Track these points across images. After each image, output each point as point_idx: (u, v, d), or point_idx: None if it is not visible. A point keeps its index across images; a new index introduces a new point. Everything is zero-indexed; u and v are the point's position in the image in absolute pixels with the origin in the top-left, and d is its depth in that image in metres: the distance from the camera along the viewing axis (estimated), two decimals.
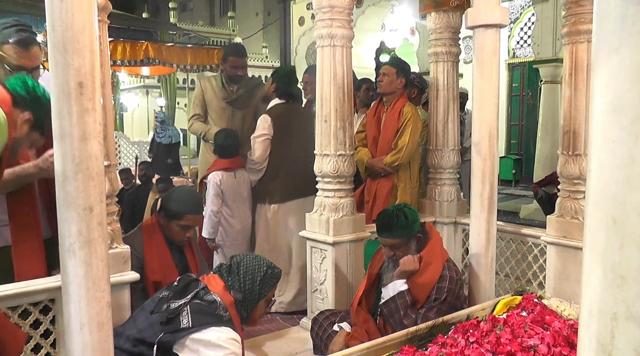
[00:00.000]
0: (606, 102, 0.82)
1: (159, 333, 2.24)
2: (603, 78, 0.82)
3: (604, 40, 0.82)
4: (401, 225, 2.83)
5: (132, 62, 6.80)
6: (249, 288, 2.40)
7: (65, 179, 1.82)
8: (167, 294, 2.38)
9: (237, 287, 2.39)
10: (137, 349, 2.27)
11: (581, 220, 3.31)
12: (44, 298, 2.46)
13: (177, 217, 2.96)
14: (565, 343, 2.19)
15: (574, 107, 3.32)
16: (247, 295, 2.40)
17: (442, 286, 2.78)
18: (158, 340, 2.22)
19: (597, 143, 0.84)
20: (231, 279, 2.41)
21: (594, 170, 0.85)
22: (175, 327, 2.23)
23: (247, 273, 2.42)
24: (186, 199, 3.01)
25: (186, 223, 2.99)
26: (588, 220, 0.90)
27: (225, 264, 2.49)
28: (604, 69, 0.81)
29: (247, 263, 2.45)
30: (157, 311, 2.32)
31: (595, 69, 0.85)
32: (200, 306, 2.29)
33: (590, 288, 0.87)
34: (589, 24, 3.24)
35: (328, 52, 3.35)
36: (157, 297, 2.41)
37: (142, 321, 2.34)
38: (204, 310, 2.28)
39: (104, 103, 2.25)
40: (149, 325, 2.29)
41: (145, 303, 2.46)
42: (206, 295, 2.33)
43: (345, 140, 3.43)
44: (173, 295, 2.35)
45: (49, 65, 1.84)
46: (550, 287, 3.40)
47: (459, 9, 3.98)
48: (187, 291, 2.36)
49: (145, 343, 2.26)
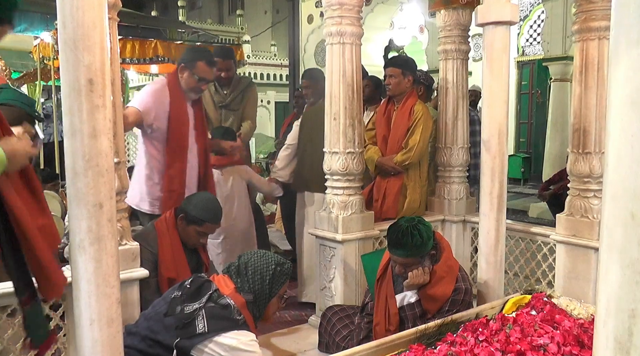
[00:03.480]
0: (624, 95, 0.81)
1: (174, 337, 2.22)
2: (621, 71, 0.81)
3: (622, 33, 0.80)
4: (415, 244, 2.69)
5: (141, 59, 6.80)
6: (259, 288, 2.37)
7: (75, 175, 1.83)
8: (179, 295, 2.35)
9: (247, 289, 2.36)
10: (153, 351, 2.26)
11: (591, 218, 3.29)
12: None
13: (197, 222, 3.01)
14: (576, 342, 2.17)
15: (584, 104, 3.30)
16: (258, 295, 2.37)
17: (457, 298, 2.74)
18: (175, 344, 2.21)
19: (615, 137, 0.83)
20: (240, 281, 2.37)
21: (611, 165, 0.84)
22: (192, 333, 2.21)
23: (255, 273, 2.38)
24: (208, 207, 3.04)
25: (204, 230, 3.04)
26: (605, 216, 0.88)
27: (234, 264, 2.45)
28: (622, 62, 0.80)
29: (255, 262, 2.40)
30: (171, 314, 2.29)
31: (613, 62, 0.83)
32: (215, 310, 2.26)
33: (607, 285, 0.86)
34: (600, 21, 3.22)
35: (337, 49, 3.35)
36: (169, 297, 2.38)
37: (156, 323, 2.32)
38: (219, 314, 2.25)
39: (114, 101, 2.26)
40: (164, 328, 2.27)
41: (156, 302, 2.44)
42: (220, 298, 2.30)
43: (355, 138, 3.42)
44: (186, 297, 2.32)
45: (60, 62, 1.84)
46: (559, 286, 3.39)
47: (469, 7, 3.96)
48: (200, 293, 2.32)
49: (162, 345, 2.26)
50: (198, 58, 3.45)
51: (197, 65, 3.41)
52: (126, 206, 2.69)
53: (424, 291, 2.76)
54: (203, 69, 3.42)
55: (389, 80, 3.96)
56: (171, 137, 3.42)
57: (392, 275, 2.88)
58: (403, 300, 2.81)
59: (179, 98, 3.43)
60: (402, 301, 2.81)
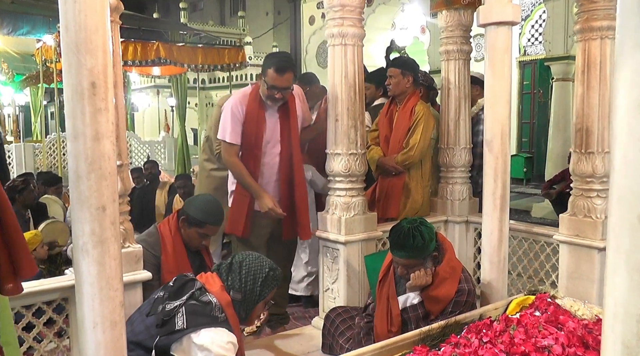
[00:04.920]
0: (631, 99, 0.80)
1: (155, 336, 2.21)
2: (627, 74, 0.80)
3: (628, 35, 0.80)
4: (417, 246, 2.69)
5: (143, 62, 6.82)
6: (249, 288, 2.35)
7: (78, 179, 1.83)
8: (162, 295, 2.35)
9: (238, 287, 2.35)
10: (134, 354, 2.22)
11: (594, 218, 3.28)
12: (57, 297, 2.48)
13: (198, 224, 3.01)
14: (580, 343, 2.17)
15: (587, 104, 3.29)
16: (247, 295, 2.35)
17: (460, 300, 2.73)
18: (155, 344, 2.20)
19: (622, 140, 0.82)
20: (231, 278, 2.36)
21: (618, 167, 0.83)
22: (171, 329, 2.20)
23: (249, 273, 2.37)
24: (209, 209, 3.05)
25: (205, 232, 3.04)
26: (612, 219, 0.88)
27: (226, 262, 2.44)
28: (628, 65, 0.80)
29: (250, 263, 2.40)
30: (153, 313, 2.28)
31: (618, 65, 0.83)
32: (196, 307, 2.25)
33: (614, 289, 0.85)
34: (602, 21, 3.21)
35: (339, 51, 3.35)
36: (153, 298, 2.38)
37: (138, 324, 2.31)
38: (199, 311, 2.24)
39: (116, 103, 2.26)
40: (145, 328, 2.26)
41: (142, 305, 2.43)
42: (202, 295, 2.29)
43: (357, 139, 3.42)
44: (169, 296, 2.32)
45: (62, 65, 1.84)
46: (562, 286, 3.38)
47: (470, 7, 3.96)
48: (183, 292, 2.32)
49: (141, 346, 2.24)
50: (268, 65, 3.40)
51: (267, 73, 3.38)
52: (129, 208, 2.69)
53: (426, 293, 2.76)
54: (272, 76, 3.36)
55: (389, 80, 3.99)
56: (244, 147, 3.50)
57: (395, 276, 2.87)
58: (406, 301, 2.80)
59: (255, 107, 3.46)
60: (405, 302, 2.80)
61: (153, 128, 19.89)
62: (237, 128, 3.47)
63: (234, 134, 3.46)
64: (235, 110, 3.46)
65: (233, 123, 3.46)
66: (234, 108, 3.46)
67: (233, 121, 3.45)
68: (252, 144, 3.48)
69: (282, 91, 3.41)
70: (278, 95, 3.41)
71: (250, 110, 3.46)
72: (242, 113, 3.46)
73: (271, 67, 3.36)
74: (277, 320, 3.77)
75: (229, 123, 3.47)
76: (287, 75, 3.38)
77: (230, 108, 3.48)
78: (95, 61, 1.80)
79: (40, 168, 9.50)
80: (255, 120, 3.45)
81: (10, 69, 11.20)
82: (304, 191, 3.61)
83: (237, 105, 3.47)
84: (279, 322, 3.78)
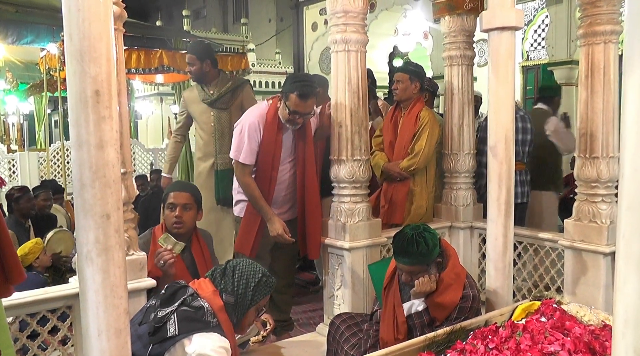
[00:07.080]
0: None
1: (148, 345, 2.20)
2: (636, 79, 0.80)
3: (637, 41, 0.79)
4: (421, 252, 2.68)
5: (146, 69, 6.82)
6: (242, 292, 2.36)
7: (82, 187, 1.83)
8: (154, 303, 2.35)
9: (230, 290, 2.35)
10: None
11: (599, 223, 3.27)
12: (61, 305, 2.48)
13: (165, 199, 3.07)
14: (587, 349, 2.15)
15: (591, 109, 3.29)
16: (239, 299, 2.36)
17: (465, 306, 2.72)
18: (149, 353, 2.19)
19: (631, 146, 0.81)
20: (224, 282, 2.37)
21: (627, 174, 0.82)
22: (163, 336, 2.19)
23: (241, 277, 2.38)
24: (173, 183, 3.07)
25: (171, 201, 3.05)
26: (622, 226, 0.87)
27: (220, 267, 2.45)
28: (637, 71, 0.79)
29: (243, 267, 2.41)
30: (145, 322, 2.27)
31: (627, 71, 0.82)
32: (187, 312, 2.24)
33: (625, 296, 0.84)
34: (605, 25, 3.21)
35: (342, 57, 3.35)
36: (145, 307, 2.38)
37: (131, 334, 2.31)
38: (190, 316, 2.23)
39: (120, 111, 2.26)
40: (138, 338, 2.24)
41: (135, 315, 2.41)
42: (194, 301, 2.28)
43: (361, 145, 3.42)
44: (160, 303, 2.31)
45: (66, 73, 1.85)
46: (568, 292, 3.36)
47: (473, 12, 3.96)
48: (174, 298, 2.31)
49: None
50: (291, 89, 3.35)
51: (290, 97, 3.35)
52: (133, 216, 2.69)
53: (431, 299, 2.74)
54: (295, 101, 3.33)
55: (396, 85, 3.99)
56: (259, 168, 3.51)
57: (399, 283, 2.86)
58: (411, 308, 2.79)
59: (273, 129, 3.44)
60: (410, 309, 2.79)
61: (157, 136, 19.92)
62: (254, 148, 3.45)
63: (249, 155, 3.45)
64: (252, 132, 3.43)
65: (249, 143, 3.43)
66: (251, 129, 3.43)
67: (250, 141, 3.43)
68: (268, 165, 3.48)
69: (304, 116, 3.41)
70: (299, 120, 3.40)
71: (269, 131, 3.44)
72: (260, 134, 3.44)
73: (294, 92, 3.32)
74: (282, 326, 3.76)
75: (244, 143, 3.44)
76: (310, 101, 3.37)
77: (247, 129, 3.44)
78: (99, 69, 1.81)
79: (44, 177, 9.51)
80: (274, 142, 3.44)
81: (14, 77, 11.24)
82: (318, 211, 3.59)
83: (256, 125, 3.44)
84: (283, 329, 3.77)
